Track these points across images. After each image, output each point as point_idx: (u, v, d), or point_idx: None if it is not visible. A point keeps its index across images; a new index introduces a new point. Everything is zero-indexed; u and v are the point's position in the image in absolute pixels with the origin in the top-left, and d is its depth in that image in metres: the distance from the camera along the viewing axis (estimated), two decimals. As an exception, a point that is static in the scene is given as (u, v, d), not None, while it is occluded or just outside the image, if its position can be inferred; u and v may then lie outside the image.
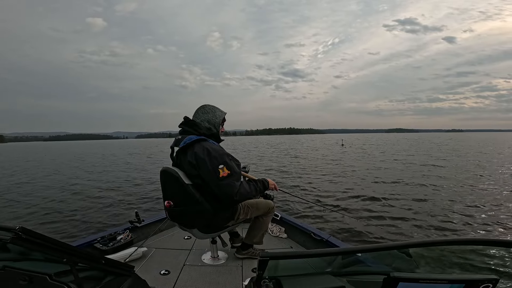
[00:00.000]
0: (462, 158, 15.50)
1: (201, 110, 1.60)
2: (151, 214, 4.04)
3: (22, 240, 0.57)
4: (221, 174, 1.40)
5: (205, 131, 1.54)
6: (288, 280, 0.68)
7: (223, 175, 1.41)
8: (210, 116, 1.58)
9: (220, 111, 1.62)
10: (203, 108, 1.60)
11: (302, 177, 9.65)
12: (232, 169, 1.45)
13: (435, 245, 0.64)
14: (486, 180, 8.38)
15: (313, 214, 5.01)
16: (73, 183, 9.13)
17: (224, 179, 1.41)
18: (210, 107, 1.61)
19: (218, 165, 1.41)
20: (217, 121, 1.59)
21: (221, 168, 1.41)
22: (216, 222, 1.59)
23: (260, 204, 1.75)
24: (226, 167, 1.42)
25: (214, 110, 1.61)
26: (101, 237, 2.02)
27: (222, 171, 1.41)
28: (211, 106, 1.63)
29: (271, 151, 21.11)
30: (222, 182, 1.41)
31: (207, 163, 1.41)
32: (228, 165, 1.44)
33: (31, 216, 5.26)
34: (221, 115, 1.61)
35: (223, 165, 1.42)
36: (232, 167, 1.46)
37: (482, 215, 4.89)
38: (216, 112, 1.60)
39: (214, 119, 1.58)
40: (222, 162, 1.43)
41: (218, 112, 1.61)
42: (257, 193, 1.59)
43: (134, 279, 0.87)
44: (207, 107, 1.61)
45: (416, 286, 0.56)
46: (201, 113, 1.59)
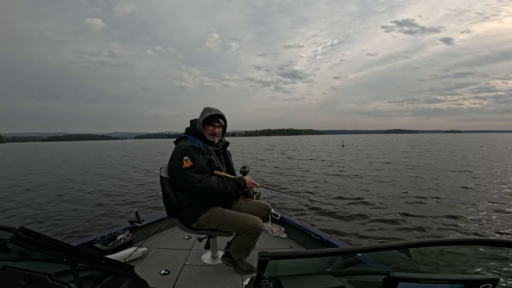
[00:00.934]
0: (464, 159, 15.51)
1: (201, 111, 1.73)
2: (151, 214, 4.04)
3: (22, 240, 0.57)
4: (184, 164, 1.50)
5: (192, 130, 1.69)
6: (288, 280, 0.68)
7: (186, 165, 1.50)
8: (199, 117, 1.69)
9: (206, 111, 1.68)
10: (202, 110, 1.72)
11: (307, 178, 9.64)
12: (196, 161, 1.52)
13: (435, 245, 0.64)
14: (486, 180, 8.38)
15: (311, 212, 5.01)
16: (73, 183, 9.13)
17: (186, 170, 1.50)
18: (204, 109, 1.71)
19: (183, 156, 1.52)
20: (200, 121, 1.67)
21: (185, 160, 1.51)
22: (182, 218, 1.64)
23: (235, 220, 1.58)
24: (190, 159, 1.51)
25: (205, 111, 1.69)
26: (101, 237, 2.02)
27: (186, 162, 1.50)
28: (206, 108, 1.72)
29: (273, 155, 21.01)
30: (184, 172, 1.50)
31: (174, 154, 1.58)
32: (193, 157, 1.52)
33: (31, 216, 5.25)
34: (204, 115, 1.67)
35: (188, 157, 1.51)
36: (197, 160, 1.53)
37: (482, 215, 4.89)
38: (204, 113, 1.69)
39: (200, 120, 1.68)
40: (187, 154, 1.52)
41: (204, 113, 1.68)
42: (228, 189, 1.55)
43: (134, 279, 0.87)
44: (204, 108, 1.72)
45: (416, 286, 0.56)
46: (200, 114, 1.72)
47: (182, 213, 1.61)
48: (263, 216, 1.75)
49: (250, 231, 1.56)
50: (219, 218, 1.60)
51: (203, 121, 1.68)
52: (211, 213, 1.60)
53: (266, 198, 5.31)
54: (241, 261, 1.71)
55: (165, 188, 1.62)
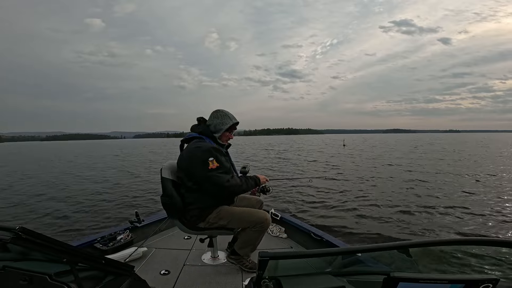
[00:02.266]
0: (463, 159, 15.51)
1: (214, 114, 1.67)
2: (151, 214, 4.05)
3: (22, 240, 0.57)
4: (210, 166, 1.48)
5: (207, 132, 1.63)
6: (288, 280, 0.68)
7: (212, 167, 1.48)
8: (217, 122, 1.64)
9: (229, 119, 1.65)
10: (216, 112, 1.67)
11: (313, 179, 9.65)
12: (222, 163, 1.52)
13: (435, 245, 0.64)
14: (487, 181, 8.38)
15: (311, 212, 5.01)
16: (73, 183, 9.13)
17: (213, 171, 1.48)
18: (222, 114, 1.66)
19: (208, 158, 1.49)
20: (222, 128, 1.63)
21: (211, 161, 1.49)
22: (187, 219, 1.62)
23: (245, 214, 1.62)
24: (216, 160, 1.50)
25: (224, 117, 1.64)
26: (101, 237, 2.01)
27: (211, 163, 1.49)
28: (224, 113, 1.66)
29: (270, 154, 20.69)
30: (211, 173, 1.48)
31: (197, 156, 1.51)
32: (218, 159, 1.52)
33: (31, 216, 5.26)
34: (228, 123, 1.64)
35: (213, 158, 1.50)
36: (222, 161, 1.54)
37: (482, 215, 4.89)
38: (225, 119, 1.64)
39: (219, 126, 1.63)
40: (212, 155, 1.50)
41: (226, 120, 1.64)
42: (248, 187, 1.62)
43: (134, 279, 0.87)
44: (219, 112, 1.66)
45: (416, 286, 0.56)
46: (213, 117, 1.67)
47: (189, 213, 1.60)
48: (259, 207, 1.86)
49: (260, 224, 1.61)
50: (229, 215, 1.62)
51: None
52: (219, 211, 1.62)
53: (267, 198, 5.30)
54: (247, 256, 1.76)
55: (167, 189, 1.59)
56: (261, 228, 1.62)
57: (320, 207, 5.47)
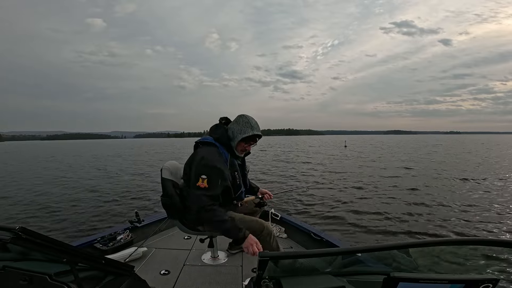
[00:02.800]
0: (463, 160, 15.50)
1: (236, 119, 1.53)
2: (151, 214, 4.04)
3: (22, 240, 0.57)
4: (199, 182, 1.35)
5: (224, 139, 1.49)
6: (288, 280, 0.68)
7: (199, 184, 1.35)
8: (236, 128, 1.49)
9: (249, 128, 1.47)
10: (239, 117, 1.52)
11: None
12: (212, 186, 1.37)
13: (435, 245, 0.64)
14: (487, 181, 8.38)
15: (311, 212, 5.01)
16: (74, 183, 9.13)
17: (198, 189, 1.35)
18: (244, 120, 1.49)
19: (201, 173, 1.36)
20: (238, 137, 1.48)
21: (202, 178, 1.35)
22: (187, 220, 1.59)
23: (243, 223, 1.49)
24: (207, 180, 1.35)
25: (245, 125, 1.48)
26: (101, 237, 2.01)
27: (201, 180, 1.35)
28: (247, 120, 1.49)
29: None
30: (194, 190, 1.37)
31: (195, 166, 1.40)
32: (211, 180, 1.36)
33: (31, 216, 5.26)
34: (247, 132, 1.47)
35: (206, 177, 1.35)
36: (214, 185, 1.38)
37: (482, 215, 4.89)
38: (245, 127, 1.47)
39: (237, 134, 1.48)
40: (207, 173, 1.36)
41: (246, 129, 1.47)
42: (226, 231, 1.37)
43: (134, 279, 0.87)
44: (242, 118, 1.51)
45: (416, 286, 0.56)
46: (235, 121, 1.53)
47: (188, 216, 1.56)
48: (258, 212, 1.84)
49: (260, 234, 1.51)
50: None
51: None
52: None
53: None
54: None
55: (167, 190, 1.56)
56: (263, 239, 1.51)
57: (320, 207, 5.47)
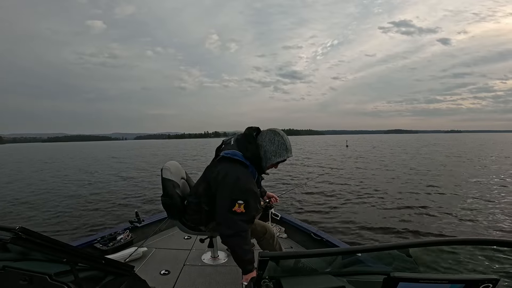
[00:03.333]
0: (462, 159, 15.49)
1: (270, 137, 1.36)
2: (151, 214, 4.05)
3: (22, 240, 0.57)
4: (235, 207, 1.25)
5: (253, 157, 1.35)
6: (288, 280, 0.68)
7: (235, 209, 1.25)
8: (272, 149, 1.35)
9: (285, 151, 1.36)
10: (274, 136, 1.36)
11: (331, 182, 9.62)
12: (250, 211, 1.28)
13: (435, 245, 0.64)
14: (488, 181, 8.38)
15: (311, 212, 5.01)
16: (74, 184, 9.13)
17: (236, 215, 1.25)
18: (280, 141, 1.35)
19: (238, 199, 1.26)
20: (273, 160, 1.36)
21: (239, 203, 1.25)
22: (188, 220, 1.58)
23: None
24: (245, 206, 1.26)
25: (281, 146, 1.35)
26: (101, 237, 2.01)
27: (238, 206, 1.25)
28: (283, 141, 1.35)
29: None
30: (232, 215, 1.25)
31: (230, 188, 1.28)
32: (249, 205, 1.27)
33: (31, 216, 5.26)
34: (283, 156, 1.36)
35: (243, 202, 1.26)
36: (251, 209, 1.29)
37: (482, 215, 4.89)
38: (281, 150, 1.35)
39: (272, 156, 1.35)
40: (245, 199, 1.26)
41: (282, 151, 1.35)
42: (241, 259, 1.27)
43: (134, 279, 0.87)
44: (277, 137, 1.36)
45: (416, 286, 0.56)
46: (267, 140, 1.36)
47: (190, 217, 1.56)
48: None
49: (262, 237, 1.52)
50: None
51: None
52: None
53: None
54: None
55: (168, 190, 1.56)
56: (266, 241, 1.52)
57: (320, 208, 5.47)
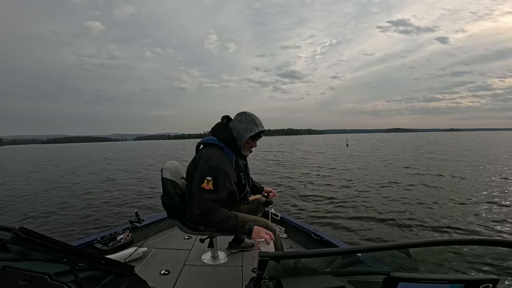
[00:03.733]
0: (462, 159, 15.50)
1: (238, 118, 1.49)
2: (151, 214, 4.05)
3: (22, 240, 0.57)
4: (204, 184, 1.31)
5: (230, 141, 1.45)
6: (288, 280, 0.68)
7: (204, 186, 1.30)
8: (242, 127, 1.46)
9: (255, 125, 1.46)
10: (242, 116, 1.49)
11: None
12: (218, 188, 1.33)
13: (435, 245, 0.64)
14: (489, 182, 8.38)
15: (311, 212, 5.02)
16: (73, 184, 9.14)
17: (203, 192, 1.31)
18: (247, 118, 1.46)
19: (206, 175, 1.32)
20: (245, 136, 1.45)
21: (208, 180, 1.31)
22: (188, 220, 1.58)
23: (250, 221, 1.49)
24: (213, 183, 1.32)
25: (250, 122, 1.46)
26: (101, 237, 2.02)
27: (206, 182, 1.31)
28: (250, 118, 1.47)
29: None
30: (198, 192, 1.32)
31: (200, 167, 1.36)
32: (217, 183, 1.33)
33: (31, 216, 5.26)
34: (253, 130, 1.45)
35: (212, 179, 1.32)
36: (220, 187, 1.34)
37: (482, 215, 4.89)
38: (250, 125, 1.45)
39: (243, 132, 1.45)
40: (213, 176, 1.32)
41: (252, 126, 1.45)
42: (233, 228, 1.34)
43: (134, 279, 0.87)
44: (244, 116, 1.48)
45: (416, 286, 0.56)
46: (237, 120, 1.49)
47: (189, 215, 1.56)
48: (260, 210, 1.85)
49: None
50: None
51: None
52: None
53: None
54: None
55: (167, 190, 1.55)
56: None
57: (320, 208, 5.47)
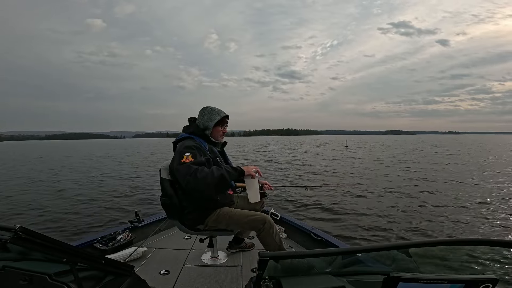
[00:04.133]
0: (462, 159, 15.50)
1: (201, 112, 1.66)
2: (151, 214, 4.05)
3: (22, 240, 0.57)
4: (183, 159, 1.41)
5: (197, 131, 1.61)
6: (288, 280, 0.68)
7: (184, 160, 1.41)
8: (205, 119, 1.63)
9: (216, 114, 1.63)
10: (203, 110, 1.66)
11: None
12: (197, 158, 1.43)
13: (435, 245, 0.64)
14: (489, 181, 8.38)
15: (311, 212, 5.01)
16: (74, 183, 9.13)
17: (184, 164, 1.39)
18: (207, 110, 1.65)
19: (185, 152, 1.43)
20: (210, 124, 1.62)
21: (186, 155, 1.42)
22: (187, 220, 1.60)
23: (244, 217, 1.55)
24: (192, 156, 1.42)
25: (211, 112, 1.64)
26: (101, 237, 2.02)
27: (186, 157, 1.41)
28: (209, 109, 1.65)
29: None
30: (180, 165, 1.40)
31: (177, 150, 1.48)
32: (195, 155, 1.43)
33: (31, 216, 5.26)
34: (216, 118, 1.62)
35: (190, 154, 1.43)
36: (199, 157, 1.44)
37: (482, 215, 4.89)
38: (212, 114, 1.63)
39: (207, 122, 1.62)
40: (190, 151, 1.44)
41: (213, 115, 1.63)
42: (222, 178, 1.38)
43: (134, 279, 0.87)
44: (205, 109, 1.66)
45: (416, 286, 0.56)
46: (200, 115, 1.66)
47: (187, 216, 1.58)
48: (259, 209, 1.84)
49: (262, 227, 1.52)
50: (228, 218, 1.57)
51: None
52: (219, 213, 1.57)
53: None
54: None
55: (166, 190, 1.58)
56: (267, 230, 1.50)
57: (320, 207, 5.47)
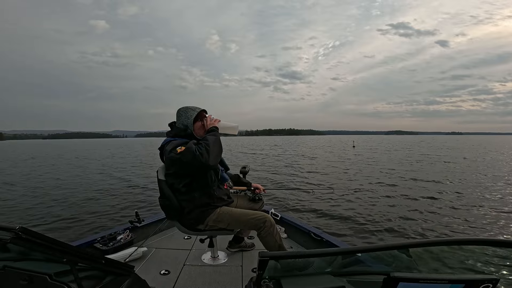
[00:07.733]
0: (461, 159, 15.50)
1: (177, 115, 1.68)
2: (151, 214, 4.05)
3: (22, 240, 0.57)
4: (179, 151, 1.48)
5: (179, 132, 1.63)
6: (288, 280, 0.68)
7: (180, 151, 1.47)
8: (182, 119, 1.65)
9: (191, 111, 1.65)
10: (178, 112, 1.68)
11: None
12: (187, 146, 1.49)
13: (435, 245, 0.64)
14: (490, 181, 8.38)
15: (311, 212, 5.01)
16: (74, 183, 9.13)
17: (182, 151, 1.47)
18: (182, 110, 1.67)
19: (177, 146, 1.50)
20: (189, 122, 1.63)
21: (180, 148, 1.49)
22: (187, 220, 1.60)
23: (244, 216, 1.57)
24: (184, 146, 1.49)
25: (186, 111, 1.66)
26: (101, 237, 2.02)
27: (180, 149, 1.48)
28: (184, 108, 1.67)
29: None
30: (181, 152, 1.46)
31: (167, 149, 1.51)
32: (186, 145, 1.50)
33: (31, 216, 5.26)
34: (192, 114, 1.64)
35: (181, 145, 1.50)
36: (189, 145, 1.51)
37: (483, 215, 4.89)
38: (188, 112, 1.65)
39: (186, 120, 1.64)
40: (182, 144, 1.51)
41: (189, 112, 1.65)
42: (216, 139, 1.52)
43: (134, 279, 0.87)
44: (180, 110, 1.67)
45: (416, 286, 0.56)
46: (177, 118, 1.68)
47: (187, 216, 1.58)
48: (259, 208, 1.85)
49: (263, 226, 1.52)
50: (228, 217, 1.57)
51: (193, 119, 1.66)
52: (219, 213, 1.58)
53: (267, 198, 5.31)
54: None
55: (164, 191, 1.58)
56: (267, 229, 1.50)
57: (320, 207, 5.46)
